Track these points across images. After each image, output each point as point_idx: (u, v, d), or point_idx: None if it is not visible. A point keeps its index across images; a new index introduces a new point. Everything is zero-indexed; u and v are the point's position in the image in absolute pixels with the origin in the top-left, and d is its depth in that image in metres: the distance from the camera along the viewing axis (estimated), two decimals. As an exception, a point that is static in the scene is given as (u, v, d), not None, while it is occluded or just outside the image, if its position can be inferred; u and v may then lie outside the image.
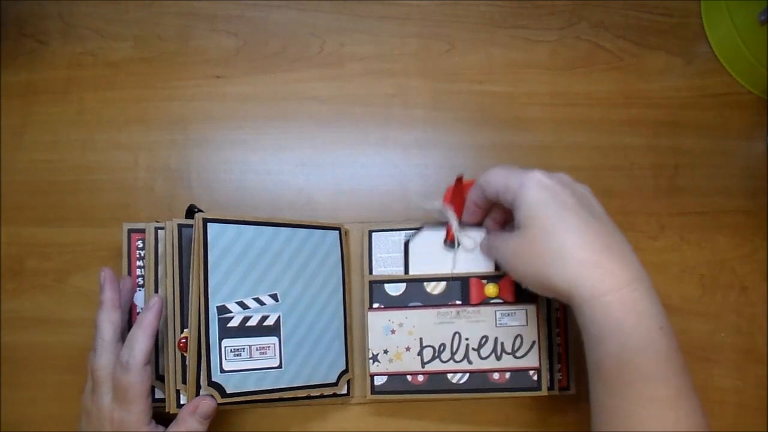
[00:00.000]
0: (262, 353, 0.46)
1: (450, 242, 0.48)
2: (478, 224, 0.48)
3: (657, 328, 0.36)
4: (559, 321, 0.50)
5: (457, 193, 0.46)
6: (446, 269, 0.49)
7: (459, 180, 0.45)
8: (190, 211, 0.49)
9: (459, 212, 0.47)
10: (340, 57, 0.56)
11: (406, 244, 0.49)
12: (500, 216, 0.46)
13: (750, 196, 0.56)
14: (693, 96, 0.57)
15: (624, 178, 0.55)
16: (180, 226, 0.46)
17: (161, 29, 0.56)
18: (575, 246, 0.37)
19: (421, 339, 0.49)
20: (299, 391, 0.47)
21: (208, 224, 0.45)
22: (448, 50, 0.57)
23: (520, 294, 0.48)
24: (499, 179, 0.41)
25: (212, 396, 0.43)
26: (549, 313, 0.49)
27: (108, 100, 0.55)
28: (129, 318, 0.48)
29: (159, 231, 0.47)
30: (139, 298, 0.49)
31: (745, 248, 0.55)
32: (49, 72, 0.55)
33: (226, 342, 0.44)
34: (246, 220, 0.47)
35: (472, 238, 0.48)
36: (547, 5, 0.58)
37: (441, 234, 0.49)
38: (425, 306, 0.49)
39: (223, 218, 0.46)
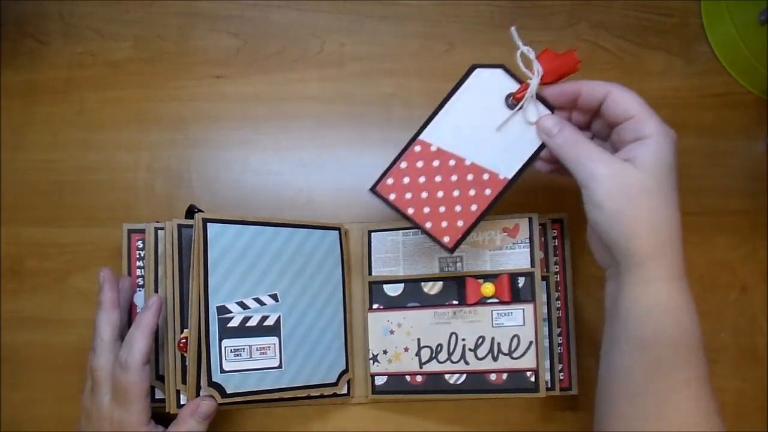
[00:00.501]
0: (262, 353, 0.46)
1: (515, 102, 0.40)
2: (565, 114, 0.42)
3: (698, 322, 0.38)
4: (560, 321, 0.50)
5: (560, 63, 0.39)
6: (490, 125, 0.41)
7: (571, 53, 0.39)
8: (190, 211, 0.49)
9: (545, 81, 0.40)
10: (340, 57, 0.56)
11: (468, 72, 0.41)
12: (587, 121, 0.42)
13: (750, 196, 0.56)
14: (693, 96, 0.57)
15: (624, 178, 0.55)
16: (180, 226, 0.46)
17: (161, 29, 0.56)
18: (674, 221, 0.37)
19: (418, 339, 0.49)
20: (299, 391, 0.47)
21: (208, 224, 0.45)
22: (448, 50, 0.57)
23: (516, 294, 0.48)
24: (639, 105, 0.38)
25: (212, 396, 0.43)
26: (550, 313, 0.49)
27: (108, 100, 0.55)
28: (129, 318, 0.48)
29: (159, 231, 0.47)
30: (139, 298, 0.49)
31: (745, 248, 0.55)
32: (49, 72, 0.55)
33: (226, 342, 0.44)
34: (246, 220, 0.47)
35: (538, 111, 0.41)
36: (547, 5, 0.58)
37: (511, 87, 0.41)
38: (423, 306, 0.49)
39: (222, 218, 0.46)
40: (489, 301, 0.48)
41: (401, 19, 0.57)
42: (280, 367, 0.46)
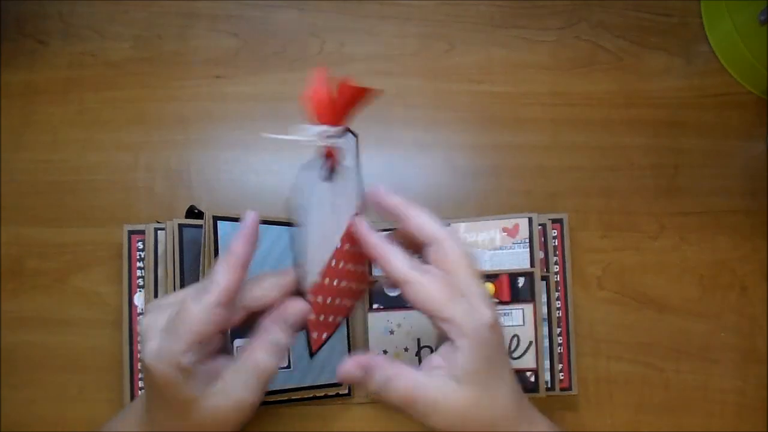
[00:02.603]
0: None
1: (328, 168, 0.34)
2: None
3: None
4: (560, 321, 0.50)
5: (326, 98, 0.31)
6: (326, 210, 0.34)
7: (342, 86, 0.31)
8: (191, 212, 0.49)
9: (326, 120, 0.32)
10: (340, 57, 0.56)
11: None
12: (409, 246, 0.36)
13: (750, 196, 0.56)
14: (693, 96, 0.57)
15: (624, 178, 0.55)
16: (180, 226, 0.46)
17: (161, 29, 0.56)
18: (504, 416, 0.33)
19: (418, 340, 0.49)
20: (307, 391, 0.47)
21: (218, 222, 0.45)
22: (448, 50, 0.57)
23: (516, 294, 0.48)
24: (441, 303, 0.32)
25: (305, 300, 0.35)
26: (550, 313, 0.49)
27: (108, 100, 0.55)
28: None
29: (159, 232, 0.47)
30: (139, 298, 0.49)
31: (745, 248, 0.55)
32: (49, 72, 0.55)
33: (237, 342, 0.44)
34: None
35: (345, 159, 0.34)
36: (547, 5, 0.58)
37: (315, 168, 0.33)
38: (425, 306, 0.49)
39: (232, 216, 0.46)
40: (489, 301, 0.48)
41: (401, 19, 0.57)
42: (288, 367, 0.46)
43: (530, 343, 0.47)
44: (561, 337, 0.50)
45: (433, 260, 0.34)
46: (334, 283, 0.36)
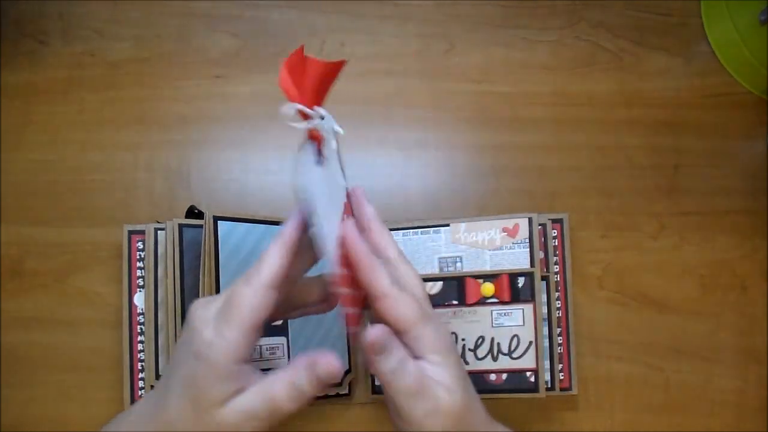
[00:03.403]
0: (272, 353, 0.46)
1: (319, 154, 0.33)
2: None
3: None
4: (560, 321, 0.50)
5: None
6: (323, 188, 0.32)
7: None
8: (191, 212, 0.49)
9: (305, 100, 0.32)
10: (340, 57, 0.56)
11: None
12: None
13: (750, 196, 0.56)
14: (693, 96, 0.57)
15: (624, 178, 0.55)
16: (180, 226, 0.46)
17: (161, 29, 0.56)
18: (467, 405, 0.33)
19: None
20: None
21: (219, 222, 0.45)
22: (448, 50, 0.57)
23: (516, 294, 0.48)
24: (413, 314, 0.32)
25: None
26: (550, 313, 0.49)
27: (108, 100, 0.55)
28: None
29: (159, 232, 0.47)
30: (139, 298, 0.49)
31: (745, 248, 0.55)
32: (49, 72, 0.55)
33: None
34: (255, 218, 0.47)
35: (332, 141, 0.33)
36: (547, 5, 0.58)
37: (310, 156, 0.32)
38: (425, 306, 0.49)
39: (233, 216, 0.46)
40: (489, 301, 0.48)
41: (401, 19, 0.57)
42: None
43: (530, 343, 0.47)
44: (561, 337, 0.50)
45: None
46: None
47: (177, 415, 0.31)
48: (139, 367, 0.48)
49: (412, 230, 0.51)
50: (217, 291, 0.44)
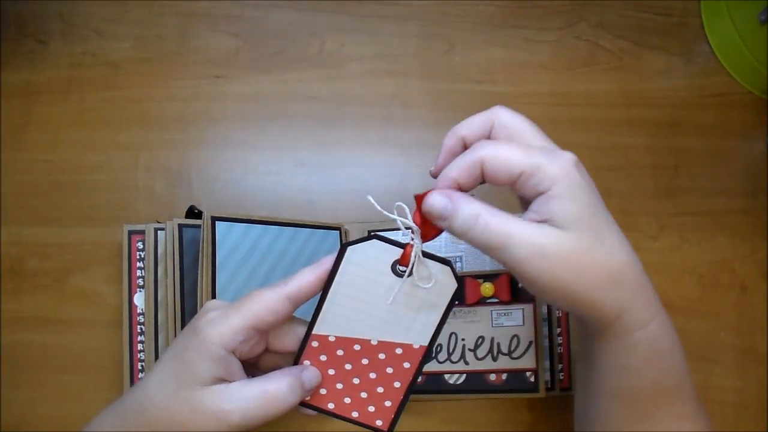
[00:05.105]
0: None
1: (402, 267, 0.33)
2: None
3: (681, 345, 0.33)
4: (560, 320, 0.50)
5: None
6: (383, 299, 0.34)
7: (419, 199, 0.33)
8: (191, 212, 0.49)
9: (426, 238, 0.34)
10: (340, 57, 0.56)
11: (341, 252, 0.33)
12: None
13: (750, 196, 0.56)
14: (693, 96, 0.57)
15: (624, 178, 0.55)
16: (180, 226, 0.46)
17: (161, 29, 0.56)
18: (627, 264, 0.31)
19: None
20: None
21: (217, 222, 0.45)
22: (448, 50, 0.57)
23: (516, 293, 0.48)
24: (519, 158, 0.30)
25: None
26: (550, 313, 0.49)
27: (108, 100, 0.55)
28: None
29: (159, 232, 0.47)
30: (139, 298, 0.49)
31: (745, 248, 0.55)
32: (49, 72, 0.55)
33: None
34: (252, 218, 0.47)
35: (431, 273, 0.33)
36: (547, 5, 0.58)
37: (392, 253, 0.33)
38: (425, 306, 0.49)
39: (230, 216, 0.46)
40: (488, 301, 0.48)
41: (401, 19, 0.57)
42: None
43: (530, 343, 0.47)
44: (561, 337, 0.50)
45: (493, 136, 0.33)
46: (339, 353, 0.35)
47: (157, 385, 0.32)
48: (139, 367, 0.48)
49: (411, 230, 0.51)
50: (214, 292, 0.44)
